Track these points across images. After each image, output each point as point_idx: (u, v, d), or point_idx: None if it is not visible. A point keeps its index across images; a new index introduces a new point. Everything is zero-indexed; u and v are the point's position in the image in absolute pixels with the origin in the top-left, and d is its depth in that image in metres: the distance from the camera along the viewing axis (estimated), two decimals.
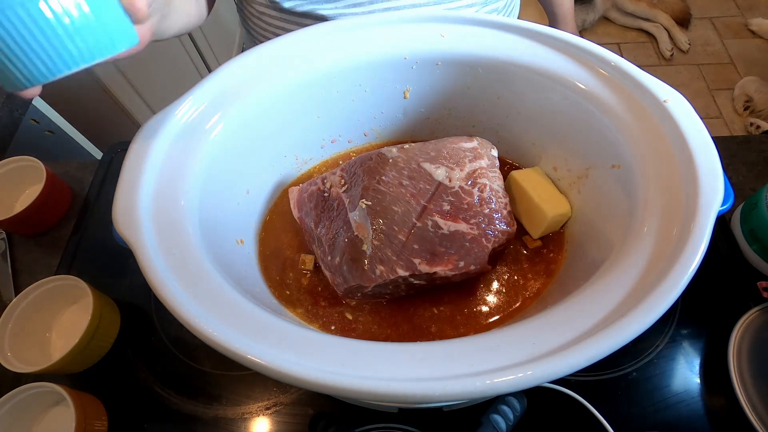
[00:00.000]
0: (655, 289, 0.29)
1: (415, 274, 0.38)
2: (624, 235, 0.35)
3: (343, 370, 0.28)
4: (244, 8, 0.64)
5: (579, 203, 0.45)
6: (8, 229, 0.67)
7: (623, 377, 0.52)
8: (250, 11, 0.62)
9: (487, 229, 0.40)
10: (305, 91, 0.46)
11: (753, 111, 1.76)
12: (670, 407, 0.50)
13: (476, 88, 0.47)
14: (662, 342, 0.53)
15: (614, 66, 0.41)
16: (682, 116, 0.37)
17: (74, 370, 0.54)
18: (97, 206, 0.70)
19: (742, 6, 2.14)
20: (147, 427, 0.52)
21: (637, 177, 0.37)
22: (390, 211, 0.40)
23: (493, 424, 0.46)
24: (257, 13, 0.61)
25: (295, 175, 0.51)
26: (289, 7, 0.55)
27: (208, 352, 0.56)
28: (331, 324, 0.42)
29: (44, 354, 0.56)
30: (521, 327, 0.30)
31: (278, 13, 0.58)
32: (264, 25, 0.61)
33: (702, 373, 0.51)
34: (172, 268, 0.33)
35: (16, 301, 0.54)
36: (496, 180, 0.43)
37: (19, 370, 0.50)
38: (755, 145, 0.68)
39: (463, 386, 0.26)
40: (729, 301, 0.55)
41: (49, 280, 0.56)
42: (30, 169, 0.67)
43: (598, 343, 0.27)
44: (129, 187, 0.36)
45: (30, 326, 0.55)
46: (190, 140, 0.40)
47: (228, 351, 0.29)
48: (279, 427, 0.51)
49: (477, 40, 0.45)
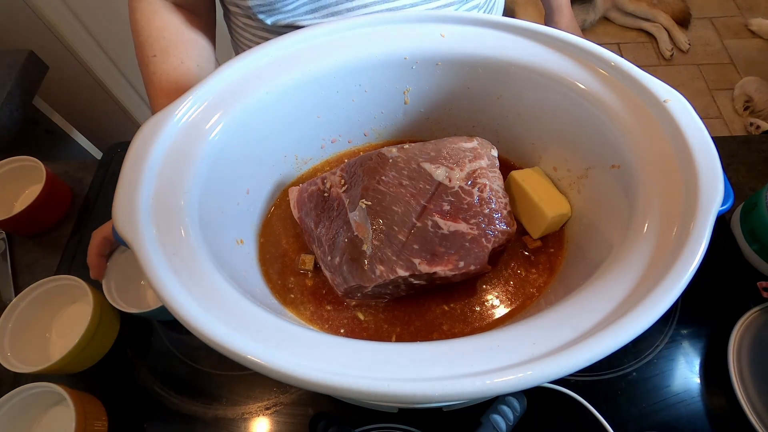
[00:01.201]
0: (655, 289, 0.29)
1: (415, 274, 0.38)
2: (624, 235, 0.35)
3: (343, 370, 0.28)
4: (230, 21, 0.65)
5: (579, 203, 0.45)
6: (8, 229, 0.67)
7: (623, 377, 0.52)
8: (236, 23, 0.63)
9: (487, 229, 0.40)
10: (305, 91, 0.46)
11: (753, 111, 1.76)
12: (670, 407, 0.50)
13: (476, 88, 0.47)
14: (662, 342, 0.54)
15: (614, 66, 0.41)
16: (682, 116, 0.37)
17: (74, 370, 0.54)
18: (97, 206, 0.70)
19: (742, 6, 2.14)
20: (147, 427, 0.53)
21: (637, 177, 0.37)
22: (390, 211, 0.40)
23: (493, 424, 0.46)
24: (242, 25, 0.62)
25: (295, 175, 0.51)
26: (271, 23, 0.56)
27: (208, 352, 0.56)
28: (327, 322, 0.42)
29: (44, 354, 0.56)
30: (521, 327, 0.30)
31: (261, 25, 0.59)
32: (250, 36, 0.63)
33: (702, 373, 0.51)
34: (172, 268, 0.33)
35: (16, 301, 0.54)
36: (496, 180, 0.43)
37: (19, 370, 0.50)
38: (755, 145, 0.68)
39: (463, 386, 0.26)
40: (729, 301, 0.55)
41: (49, 280, 0.56)
42: (30, 169, 0.67)
43: (598, 343, 0.27)
44: (129, 187, 0.36)
45: (30, 326, 0.55)
46: (190, 140, 0.40)
47: (228, 351, 0.29)
48: (279, 427, 0.51)
49: (477, 40, 0.45)
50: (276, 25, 0.57)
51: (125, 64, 1.19)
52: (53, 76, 0.94)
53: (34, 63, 0.87)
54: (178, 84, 0.55)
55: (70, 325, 0.58)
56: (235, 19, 0.63)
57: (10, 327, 0.53)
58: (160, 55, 0.55)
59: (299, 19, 0.56)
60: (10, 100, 0.80)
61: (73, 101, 1.13)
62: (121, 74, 1.21)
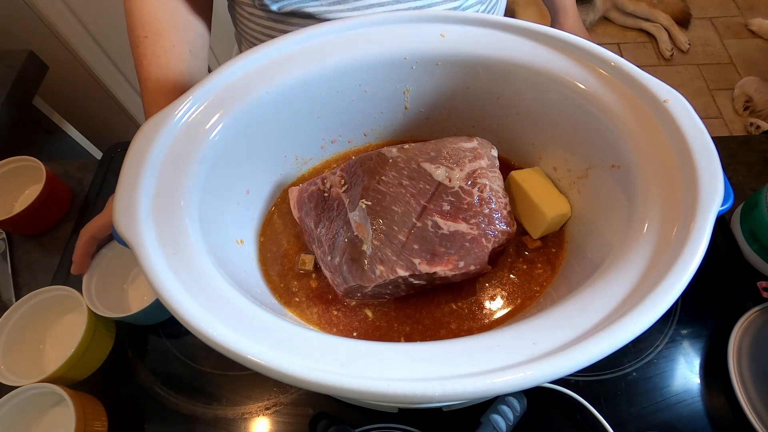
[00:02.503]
0: (655, 289, 0.29)
1: (415, 274, 0.38)
2: (624, 235, 0.35)
3: (343, 370, 0.28)
4: (234, 11, 0.65)
5: (579, 203, 0.45)
6: (8, 229, 0.67)
7: (623, 377, 0.52)
8: (241, 13, 0.63)
9: (487, 229, 0.40)
10: (305, 91, 0.46)
11: (753, 111, 1.76)
12: (670, 407, 0.50)
13: (476, 88, 0.47)
14: (662, 342, 0.54)
15: (614, 66, 0.41)
16: (682, 116, 0.37)
17: (69, 381, 0.54)
18: (97, 206, 0.70)
19: (742, 6, 2.14)
20: (147, 428, 0.52)
21: (637, 177, 0.37)
22: (390, 211, 0.40)
23: (493, 424, 0.46)
24: (247, 15, 0.61)
25: (295, 175, 0.51)
26: (277, 9, 0.55)
27: (208, 352, 0.56)
28: (334, 326, 0.42)
29: (38, 366, 0.55)
30: (521, 327, 0.30)
31: (266, 14, 0.58)
32: (254, 26, 0.62)
33: (702, 373, 0.51)
34: (172, 268, 0.33)
35: (9, 313, 0.53)
36: (496, 180, 0.43)
37: (13, 383, 0.49)
38: (755, 145, 0.68)
39: (463, 386, 0.26)
40: (729, 301, 0.55)
41: (42, 291, 0.55)
42: (30, 169, 0.67)
43: (598, 343, 0.27)
44: (129, 187, 0.36)
45: (24, 338, 0.55)
46: (190, 140, 0.40)
47: (228, 351, 0.29)
48: (279, 427, 0.51)
49: (477, 40, 0.45)
50: (281, 11, 0.55)
51: (125, 64, 1.19)
52: (53, 76, 0.94)
53: (34, 63, 0.87)
54: (168, 69, 0.54)
55: (64, 336, 0.57)
56: (240, 9, 0.62)
57: (3, 339, 0.52)
58: (152, 36, 0.54)
59: (305, 5, 0.55)
60: (10, 100, 0.80)
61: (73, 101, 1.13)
62: (121, 74, 1.21)
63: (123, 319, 0.53)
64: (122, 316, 0.53)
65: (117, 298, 0.59)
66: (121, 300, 0.59)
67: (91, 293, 0.55)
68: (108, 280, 0.57)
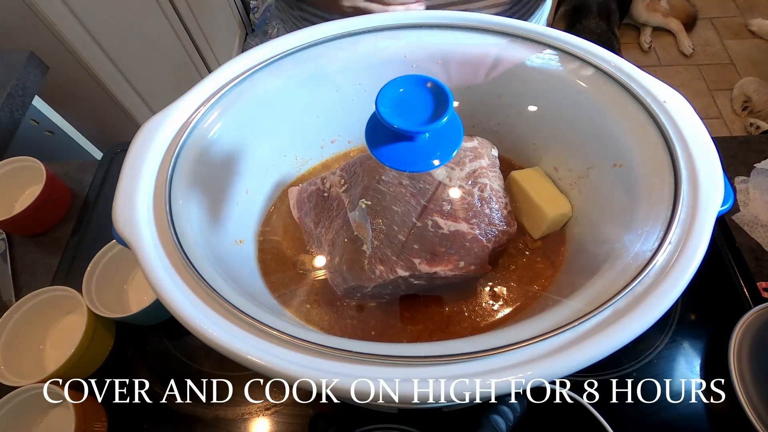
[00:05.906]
0: (655, 289, 0.29)
1: (415, 274, 0.38)
2: (624, 235, 0.35)
3: (343, 370, 0.28)
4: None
5: (580, 203, 0.45)
6: (8, 229, 0.67)
7: (623, 377, 0.51)
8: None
9: (488, 229, 0.40)
10: (305, 91, 0.46)
11: (752, 111, 1.76)
12: (670, 407, 0.50)
13: (476, 87, 0.47)
14: (662, 342, 0.53)
15: (614, 66, 0.41)
16: (682, 116, 0.37)
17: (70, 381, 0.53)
18: (97, 206, 0.70)
19: (742, 6, 2.14)
20: (147, 428, 0.52)
21: (638, 177, 0.37)
22: (390, 210, 0.40)
23: (493, 424, 0.46)
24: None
25: (295, 175, 0.51)
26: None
27: (208, 352, 0.56)
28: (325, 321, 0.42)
29: (38, 366, 0.55)
30: (521, 327, 0.30)
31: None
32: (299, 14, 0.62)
33: (702, 373, 0.51)
34: (171, 268, 0.33)
35: (9, 313, 0.54)
36: (496, 180, 0.43)
37: (13, 383, 0.49)
38: (755, 145, 0.68)
39: (464, 386, 0.26)
40: (729, 301, 0.55)
41: (42, 291, 0.55)
42: (30, 169, 0.67)
43: (599, 343, 0.27)
44: (129, 187, 0.36)
45: (24, 338, 0.55)
46: (190, 140, 0.40)
47: (228, 351, 0.29)
48: (279, 428, 0.51)
49: (477, 40, 0.45)
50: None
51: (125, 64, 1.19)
52: (53, 76, 0.94)
53: (34, 63, 0.87)
54: None
55: (64, 337, 0.57)
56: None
57: (3, 340, 0.52)
58: None
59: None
60: (10, 100, 0.80)
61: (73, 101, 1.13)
62: (121, 74, 1.21)
63: (123, 319, 0.53)
64: (122, 317, 0.53)
65: (117, 298, 0.59)
66: (121, 300, 0.59)
67: (91, 293, 0.55)
68: (108, 280, 0.57)
